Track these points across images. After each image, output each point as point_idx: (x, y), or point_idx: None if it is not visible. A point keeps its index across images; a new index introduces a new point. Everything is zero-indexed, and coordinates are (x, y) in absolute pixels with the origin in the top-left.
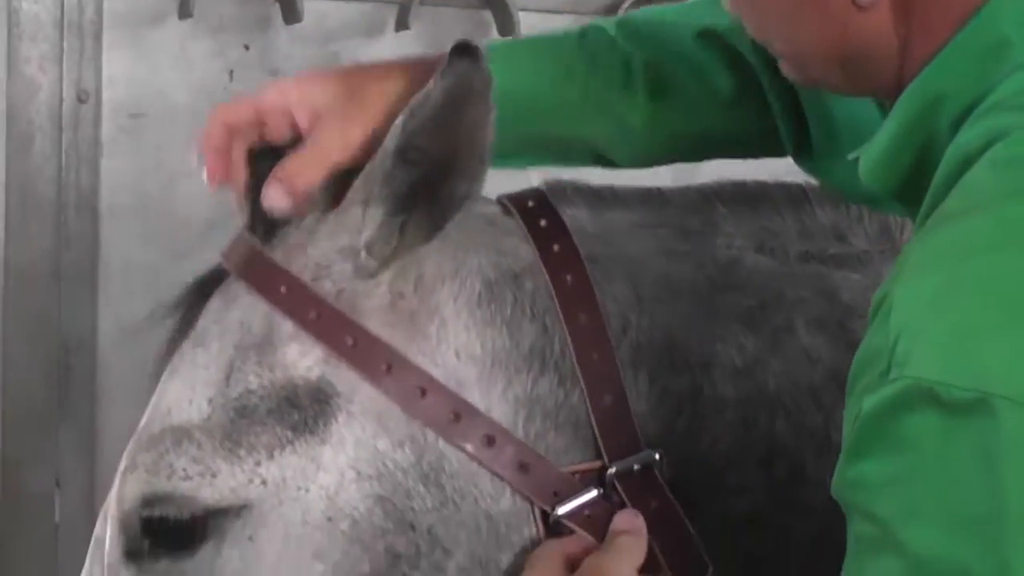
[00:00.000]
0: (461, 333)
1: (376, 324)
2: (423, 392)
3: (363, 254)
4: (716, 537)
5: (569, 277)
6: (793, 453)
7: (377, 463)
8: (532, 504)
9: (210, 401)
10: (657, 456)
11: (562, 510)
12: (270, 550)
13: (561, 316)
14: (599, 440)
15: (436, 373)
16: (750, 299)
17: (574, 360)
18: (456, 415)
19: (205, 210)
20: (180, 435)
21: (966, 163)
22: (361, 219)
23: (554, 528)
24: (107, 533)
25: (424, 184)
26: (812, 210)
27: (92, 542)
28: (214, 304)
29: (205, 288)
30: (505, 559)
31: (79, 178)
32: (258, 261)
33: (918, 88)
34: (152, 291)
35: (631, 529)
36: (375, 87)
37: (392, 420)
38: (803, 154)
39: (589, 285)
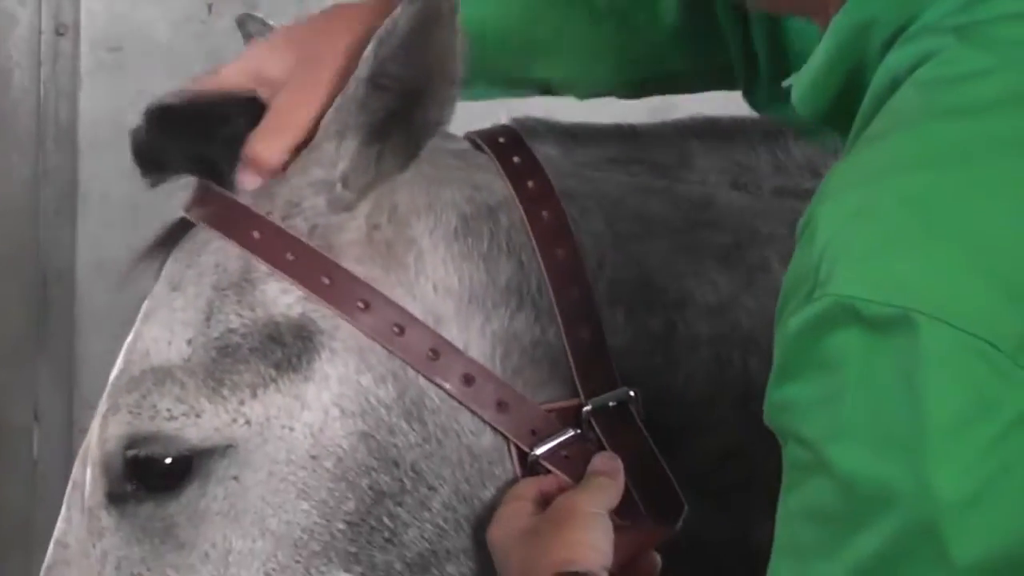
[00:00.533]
0: (438, 267)
1: (351, 259)
2: (401, 329)
3: (339, 186)
4: (691, 472)
5: (545, 213)
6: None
7: (360, 400)
8: (509, 442)
9: (190, 342)
10: (632, 393)
11: (539, 450)
12: (255, 489)
13: (537, 252)
14: (575, 376)
15: (414, 307)
16: (725, 236)
17: (551, 296)
18: (434, 352)
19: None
20: (162, 376)
21: (893, 86)
22: (335, 151)
23: (532, 468)
24: (86, 477)
25: (397, 111)
26: (787, 145)
27: (69, 486)
28: (184, 249)
29: (175, 236)
30: (489, 495)
31: (58, 111)
32: (226, 208)
33: (848, 12)
34: (131, 225)
35: (608, 471)
36: (329, 47)
37: (374, 356)
38: (754, 91)
39: (565, 221)
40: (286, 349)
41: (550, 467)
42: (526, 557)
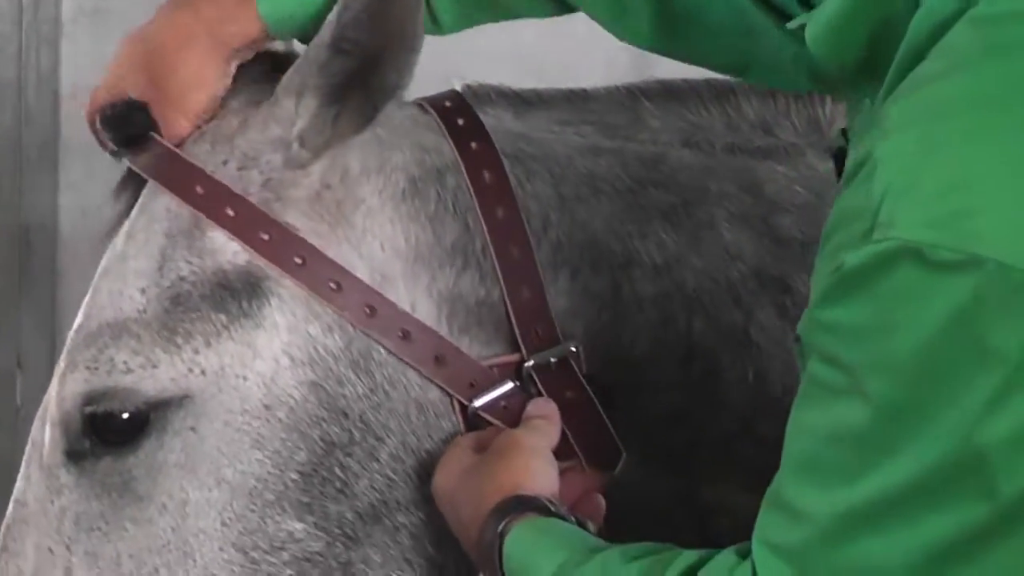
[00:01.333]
0: (386, 226)
1: (299, 213)
2: (338, 285)
3: (295, 145)
4: (638, 433)
5: (487, 174)
6: (711, 351)
7: (309, 348)
8: (451, 397)
9: (143, 292)
10: (573, 348)
11: (479, 402)
12: (211, 439)
13: (480, 212)
14: (517, 333)
15: (360, 264)
16: (673, 195)
17: (493, 255)
18: (371, 309)
19: None
20: (118, 329)
21: (941, 28)
22: (294, 110)
23: (473, 420)
24: (44, 436)
25: (357, 75)
26: (738, 103)
27: (29, 445)
28: (142, 195)
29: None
30: (435, 448)
31: (39, 58)
32: (169, 160)
33: None
34: (113, 172)
35: (544, 414)
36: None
37: (319, 306)
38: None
39: (507, 182)
40: (236, 295)
41: (489, 417)
42: (472, 491)
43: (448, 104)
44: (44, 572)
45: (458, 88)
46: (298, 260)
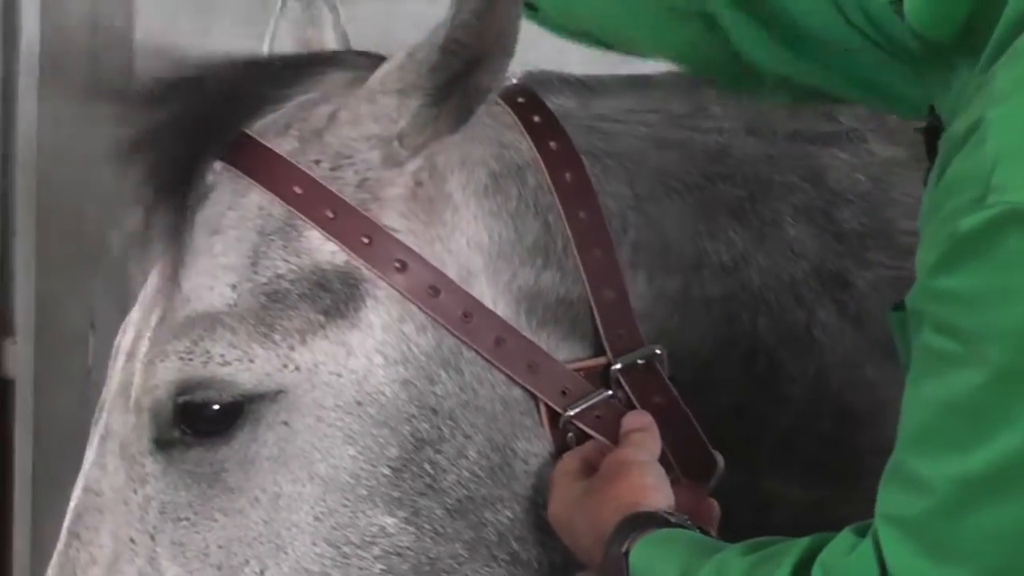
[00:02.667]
0: (470, 222)
1: (396, 213)
2: (436, 291)
3: (395, 143)
4: (703, 428)
5: (568, 175)
6: (773, 350)
7: (402, 347)
8: (538, 402)
9: (234, 287)
10: (658, 351)
11: (573, 411)
12: (304, 434)
13: (563, 213)
14: (602, 335)
15: (450, 261)
16: (740, 189)
17: (576, 256)
18: (466, 314)
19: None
20: (211, 322)
21: None
22: (396, 109)
23: (564, 428)
24: (122, 425)
25: (459, 76)
26: None
27: (97, 435)
28: (222, 191)
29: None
30: (520, 445)
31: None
32: (267, 161)
33: None
34: None
35: (642, 427)
36: None
37: (414, 306)
38: None
39: (588, 182)
40: (334, 296)
41: (583, 427)
42: (590, 517)
43: (521, 100)
44: (123, 561)
45: (518, 76)
46: (397, 265)
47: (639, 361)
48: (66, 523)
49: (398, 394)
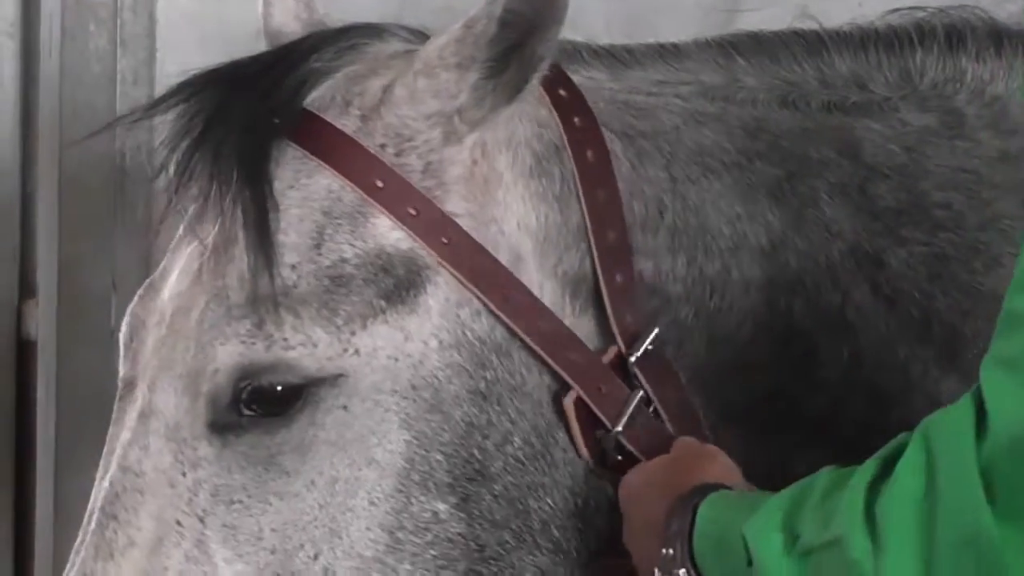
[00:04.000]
0: (519, 204)
1: (458, 199)
2: (492, 276)
3: (456, 119)
4: (737, 409)
5: (590, 153)
6: (809, 333)
7: (457, 332)
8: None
9: (294, 268)
10: (657, 330)
11: (619, 427)
12: (362, 419)
13: (581, 192)
14: (612, 321)
15: (502, 244)
16: (777, 167)
17: (591, 239)
18: (518, 300)
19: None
20: (271, 305)
21: None
22: (456, 83)
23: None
24: (173, 406)
25: (515, 47)
26: (831, 58)
27: (133, 414)
28: (286, 167)
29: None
30: (561, 434)
31: None
32: (339, 143)
33: None
34: None
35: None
36: None
37: (471, 292)
38: None
39: (608, 161)
40: (397, 281)
41: (632, 448)
42: (668, 481)
43: (548, 73)
44: (168, 544)
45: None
46: (458, 250)
47: (648, 347)
48: (98, 503)
49: (451, 379)
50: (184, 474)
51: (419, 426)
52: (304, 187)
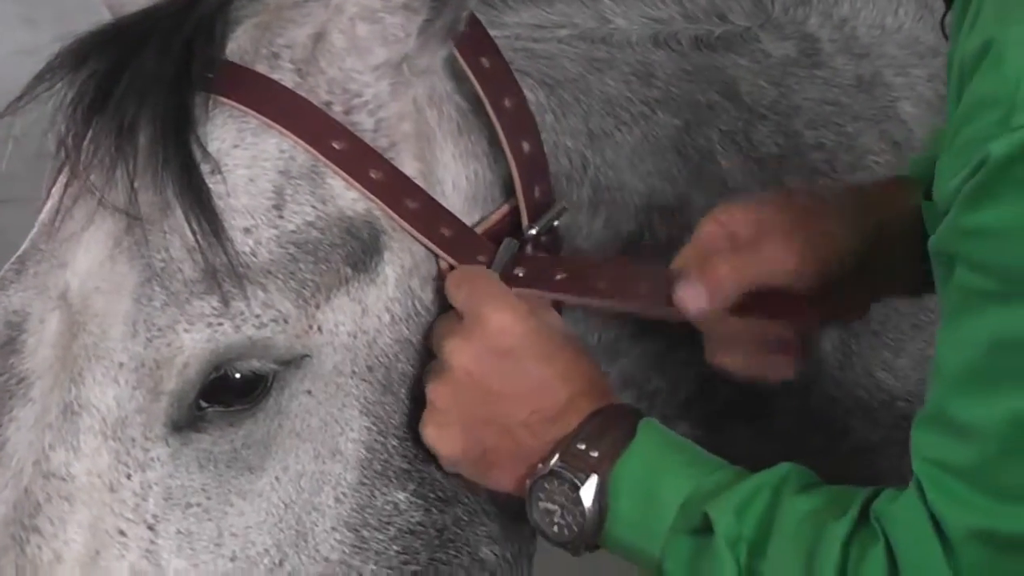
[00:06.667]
0: (452, 163)
1: (410, 158)
2: (446, 240)
3: (405, 68)
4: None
5: (507, 101)
6: None
7: (408, 303)
8: None
9: (247, 232)
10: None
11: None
12: (325, 405)
13: (506, 145)
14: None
15: (443, 203)
16: (676, 117)
17: (518, 192)
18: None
19: None
20: (236, 278)
21: None
22: (403, 27)
23: None
24: (115, 401)
25: None
26: None
27: (59, 411)
28: (226, 127)
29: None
30: None
31: None
32: (296, 107)
33: None
34: None
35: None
36: (815, 211)
37: (421, 257)
38: None
39: (528, 109)
40: (363, 245)
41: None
42: (569, 372)
43: None
44: (109, 557)
45: None
46: (413, 214)
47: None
48: (7, 516)
49: (398, 355)
50: (129, 476)
51: (376, 410)
52: (252, 146)
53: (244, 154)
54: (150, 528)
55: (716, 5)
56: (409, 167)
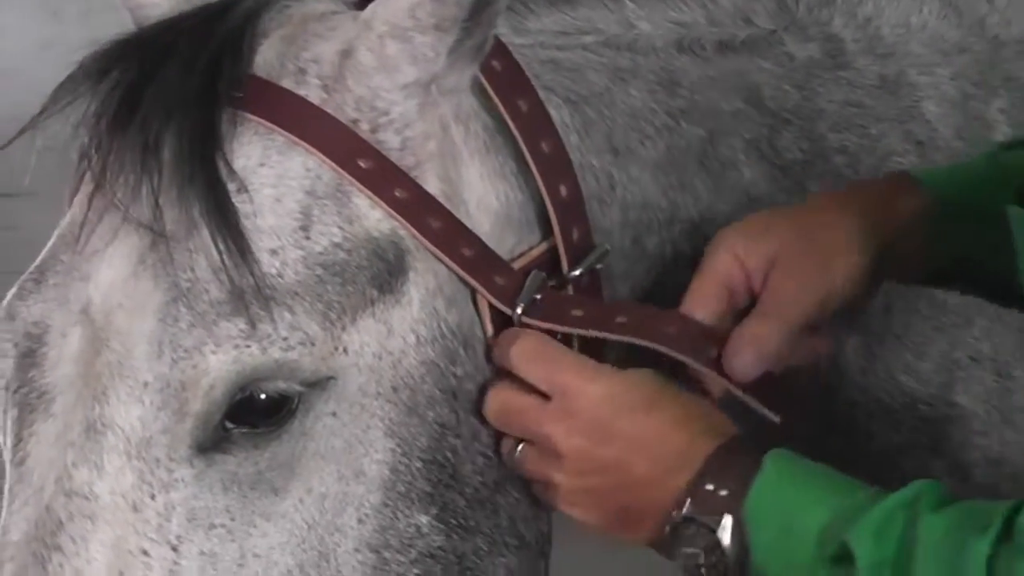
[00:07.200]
0: (478, 182)
1: (434, 178)
2: (471, 262)
3: (433, 87)
4: None
5: (536, 131)
6: None
7: (433, 325)
8: None
9: (274, 253)
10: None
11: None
12: (350, 427)
13: (535, 169)
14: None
15: (466, 223)
16: (699, 127)
17: (544, 191)
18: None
19: None
20: (262, 299)
21: None
22: (433, 47)
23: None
24: (139, 421)
25: (486, 3)
26: None
27: (81, 430)
28: (253, 144)
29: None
30: None
31: None
32: (323, 125)
33: None
34: None
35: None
36: (827, 233)
37: (444, 278)
38: None
39: (554, 131)
40: (389, 267)
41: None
42: (648, 443)
43: None
44: None
45: None
46: (438, 234)
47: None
48: (28, 533)
49: (424, 377)
50: (153, 496)
51: (401, 432)
52: (278, 164)
53: (270, 173)
54: (173, 549)
55: (740, 8)
56: (433, 186)
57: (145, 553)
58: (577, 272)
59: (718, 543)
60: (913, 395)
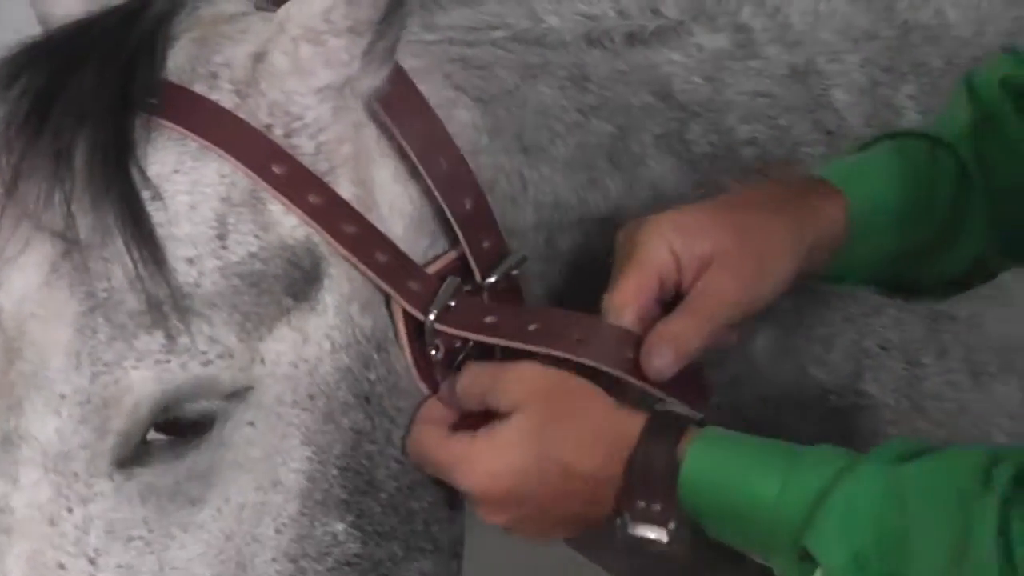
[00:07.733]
0: (390, 184)
1: (348, 183)
2: (385, 257)
3: (348, 91)
4: None
5: (419, 125)
6: None
7: (347, 331)
8: None
9: (191, 262)
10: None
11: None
12: (267, 436)
13: (423, 170)
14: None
15: (380, 227)
16: (610, 124)
17: (446, 209)
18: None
19: None
20: (181, 311)
21: None
22: (347, 50)
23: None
24: (57, 434)
25: (400, 4)
26: None
27: None
28: (167, 149)
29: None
30: None
31: None
32: (234, 129)
33: None
34: None
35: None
36: (761, 235)
37: (359, 284)
38: None
39: (445, 131)
40: (305, 275)
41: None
42: (571, 449)
43: None
44: None
45: None
46: (352, 239)
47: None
48: None
49: (339, 383)
50: (71, 510)
51: (317, 439)
52: (192, 170)
53: (185, 179)
54: (91, 562)
55: None
56: (346, 191)
57: (62, 567)
58: (492, 279)
59: (676, 538)
60: (823, 386)
